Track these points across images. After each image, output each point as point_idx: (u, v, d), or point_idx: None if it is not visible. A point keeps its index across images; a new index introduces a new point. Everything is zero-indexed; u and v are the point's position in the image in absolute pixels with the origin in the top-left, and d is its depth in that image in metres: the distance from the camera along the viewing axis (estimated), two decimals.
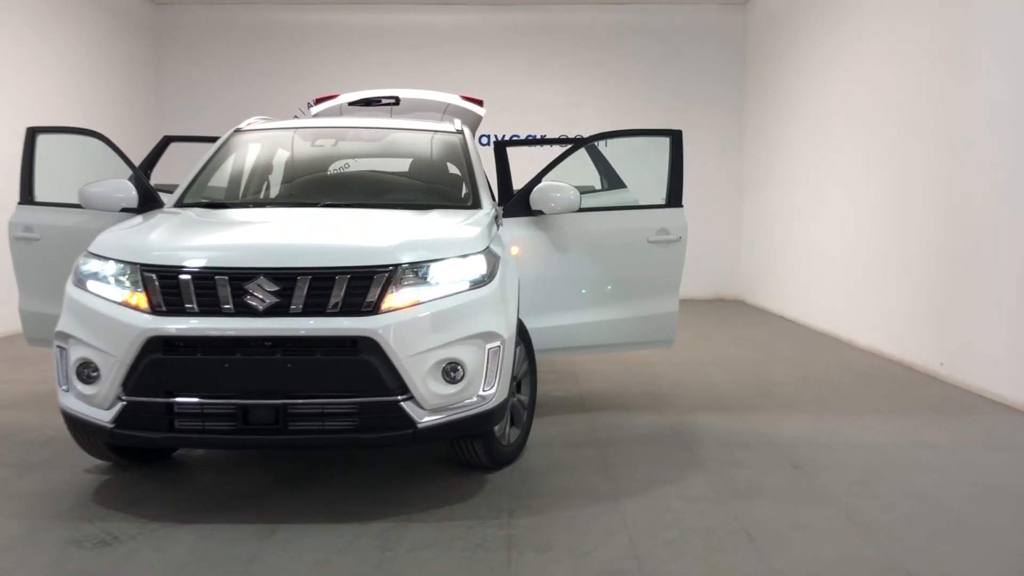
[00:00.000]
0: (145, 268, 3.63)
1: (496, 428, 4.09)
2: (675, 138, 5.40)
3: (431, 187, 5.18)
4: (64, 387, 3.76)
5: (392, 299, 3.61)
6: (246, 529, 3.53)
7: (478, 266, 3.86)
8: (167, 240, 3.82)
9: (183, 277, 3.58)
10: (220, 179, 5.16)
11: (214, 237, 3.95)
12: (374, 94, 7.20)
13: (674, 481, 4.15)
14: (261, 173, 5.38)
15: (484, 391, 3.78)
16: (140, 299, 3.60)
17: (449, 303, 3.70)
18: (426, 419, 3.61)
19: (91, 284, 3.76)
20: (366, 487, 4.05)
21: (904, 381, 6.60)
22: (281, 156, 5.47)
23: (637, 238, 5.23)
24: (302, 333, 3.53)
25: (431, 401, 3.61)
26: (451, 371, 3.67)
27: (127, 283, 3.66)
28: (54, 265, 5.17)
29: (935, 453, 4.66)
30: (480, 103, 7.40)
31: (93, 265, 3.82)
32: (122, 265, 3.70)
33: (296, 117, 6.69)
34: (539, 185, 4.92)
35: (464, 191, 4.99)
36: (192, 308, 3.55)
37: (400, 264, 3.66)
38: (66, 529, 3.54)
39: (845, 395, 6.12)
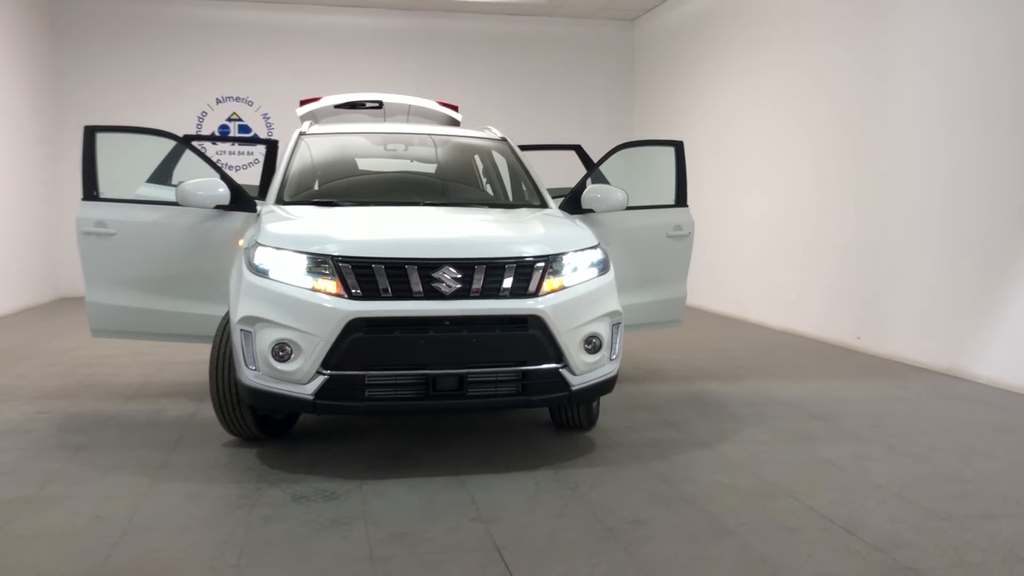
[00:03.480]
0: (341, 259, 4.12)
1: None
2: (678, 147, 6.34)
3: (501, 188, 5.86)
4: (252, 367, 4.17)
5: (547, 284, 4.31)
6: (440, 481, 4.12)
7: (599, 256, 4.62)
8: (350, 234, 4.31)
9: (377, 266, 4.12)
10: (304, 179, 5.56)
11: (388, 232, 4.46)
12: (359, 98, 7.69)
13: (739, 432, 5.09)
14: (343, 174, 5.83)
15: (612, 359, 4.55)
16: (335, 286, 4.09)
17: (587, 287, 4.44)
18: (577, 383, 4.33)
19: (276, 273, 4.19)
20: (511, 445, 4.72)
21: (831, 354, 7.88)
22: (355, 158, 5.95)
23: (659, 233, 6.11)
24: (484, 313, 4.16)
25: (580, 368, 4.34)
26: (592, 343, 4.41)
27: (320, 272, 4.14)
28: (129, 260, 5.45)
29: (908, 403, 5.85)
30: (455, 108, 8.04)
31: (271, 256, 4.25)
32: (312, 256, 4.17)
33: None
34: (591, 186, 5.70)
35: (527, 192, 5.69)
36: (387, 293, 4.10)
37: (552, 255, 4.37)
38: (277, 489, 3.98)
39: (793, 366, 7.30)
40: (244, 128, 12.91)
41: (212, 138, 12.22)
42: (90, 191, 5.53)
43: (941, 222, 7.02)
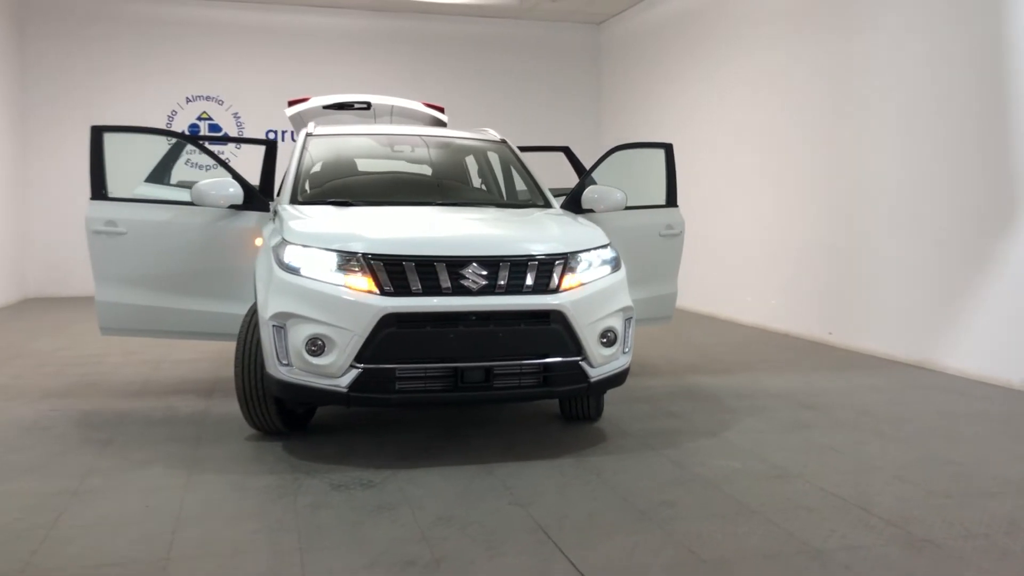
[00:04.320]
0: (372, 257, 4.28)
1: None
2: (668, 149, 6.60)
3: (506, 188, 6.05)
4: (284, 361, 4.30)
5: (566, 281, 4.52)
6: (469, 469, 4.30)
7: (611, 254, 4.85)
8: (379, 233, 4.47)
9: (408, 264, 4.29)
10: (316, 179, 5.69)
11: (415, 231, 4.62)
12: (347, 98, 7.81)
13: (737, 421, 5.35)
14: (354, 174, 5.97)
15: (624, 352, 4.78)
16: (368, 282, 4.25)
17: (602, 284, 4.65)
18: (595, 375, 4.55)
19: (307, 271, 4.33)
20: (532, 438, 4.92)
21: (805, 348, 8.23)
22: (363, 159, 6.09)
23: (652, 232, 6.37)
24: (509, 308, 4.36)
25: (597, 360, 4.55)
26: (608, 337, 4.63)
27: (350, 269, 4.29)
28: (140, 258, 5.53)
29: (888, 393, 6.19)
30: (442, 110, 8.20)
31: (300, 254, 4.39)
32: (342, 254, 4.32)
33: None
34: (591, 187, 5.92)
35: (531, 193, 5.89)
36: (417, 289, 4.27)
37: (570, 252, 4.58)
38: (315, 479, 4.13)
39: (773, 360, 7.62)
40: (215, 127, 12.89)
41: (217, 138, 12.19)
42: (99, 190, 5.58)
43: (908, 222, 7.39)
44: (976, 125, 6.73)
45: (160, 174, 6.49)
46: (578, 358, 4.47)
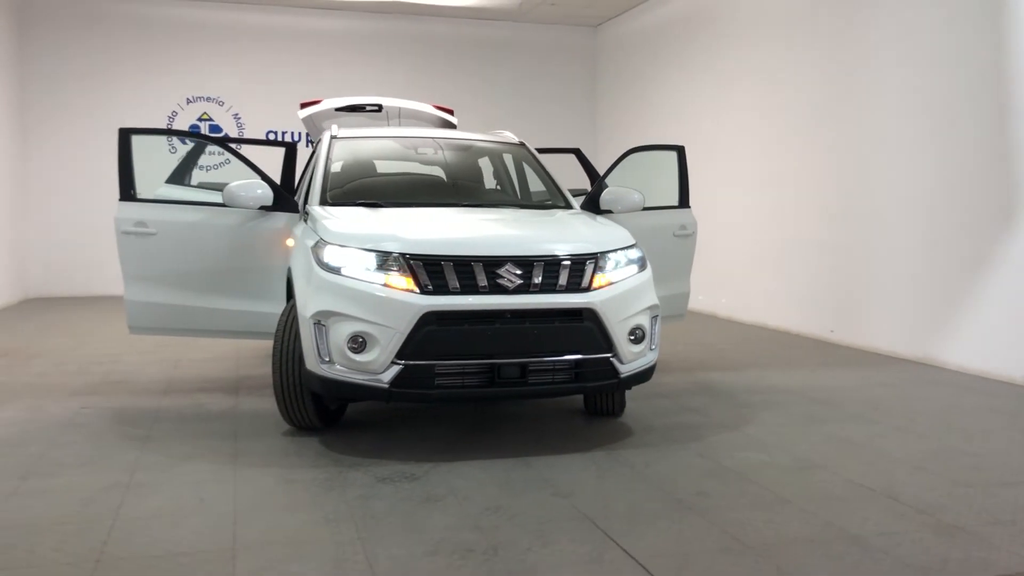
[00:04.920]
0: (411, 257, 4.41)
1: None
2: (680, 152, 6.77)
3: (520, 190, 6.19)
4: (326, 358, 4.42)
5: (597, 280, 4.66)
6: (506, 462, 4.43)
7: (638, 254, 5.00)
8: (417, 234, 4.59)
9: (446, 264, 4.42)
10: (343, 181, 5.79)
11: (452, 231, 4.75)
12: (359, 101, 7.93)
13: (755, 416, 5.51)
14: (380, 176, 6.08)
15: (651, 349, 4.93)
16: (407, 282, 4.38)
17: (631, 283, 4.80)
18: (624, 370, 4.69)
19: (348, 270, 4.45)
20: (552, 434, 5.06)
21: (808, 346, 8.41)
22: (388, 160, 6.21)
23: (667, 232, 6.53)
24: (544, 306, 4.49)
25: (627, 357, 4.70)
26: (636, 334, 4.78)
27: (389, 268, 4.41)
28: (169, 258, 5.63)
29: (895, 389, 6.37)
30: (451, 112, 8.33)
31: (340, 254, 4.51)
32: (382, 254, 4.44)
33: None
34: (609, 188, 6.07)
35: (551, 194, 6.03)
36: (455, 288, 4.40)
37: (600, 252, 4.72)
38: (359, 472, 4.24)
39: (778, 357, 7.80)
40: (215, 128, 12.94)
41: (237, 140, 12.24)
42: (127, 191, 5.68)
43: (909, 220, 7.59)
44: (976, 124, 6.92)
45: (180, 175, 6.60)
46: (609, 355, 4.61)
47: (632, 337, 4.73)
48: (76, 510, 3.70)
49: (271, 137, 13.03)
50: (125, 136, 5.76)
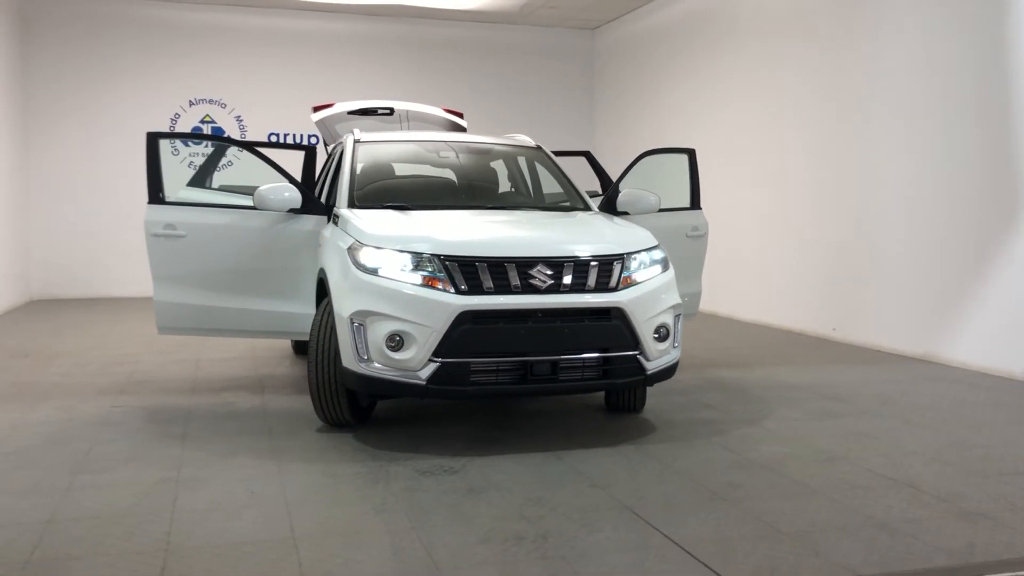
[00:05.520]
0: (447, 259, 4.56)
1: None
2: (691, 155, 6.96)
3: (541, 192, 6.35)
4: (365, 356, 4.57)
5: (624, 280, 4.84)
6: (538, 456, 4.59)
7: (661, 255, 5.17)
8: (451, 236, 4.75)
9: (480, 265, 4.57)
10: (369, 184, 5.93)
11: (484, 233, 4.92)
12: (371, 104, 8.08)
13: (772, 411, 5.69)
14: (404, 179, 6.23)
15: (675, 346, 5.10)
16: (444, 282, 4.54)
17: (655, 283, 4.98)
18: (651, 367, 4.86)
19: (384, 271, 4.60)
20: (576, 430, 5.23)
21: (811, 344, 8.62)
22: (411, 164, 6.36)
23: (680, 233, 6.70)
24: (574, 305, 4.66)
25: (653, 354, 4.87)
26: (661, 332, 4.95)
27: (425, 269, 4.57)
28: (199, 260, 5.76)
29: (902, 385, 6.57)
30: (460, 115, 8.48)
31: (376, 255, 4.66)
32: (417, 256, 4.59)
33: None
34: (626, 191, 6.23)
35: (570, 196, 6.19)
36: (489, 288, 4.56)
37: (626, 253, 4.90)
38: (399, 466, 4.39)
39: (785, 355, 7.99)
40: (217, 130, 13.02)
41: (261, 144, 12.30)
42: (156, 195, 5.79)
43: (909, 219, 7.80)
44: (976, 124, 7.14)
45: (202, 178, 6.72)
46: (636, 352, 4.79)
47: (657, 335, 4.90)
48: (134, 503, 3.83)
49: (272, 139, 13.13)
50: (153, 140, 5.88)
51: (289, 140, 13.25)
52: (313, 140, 13.45)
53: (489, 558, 3.27)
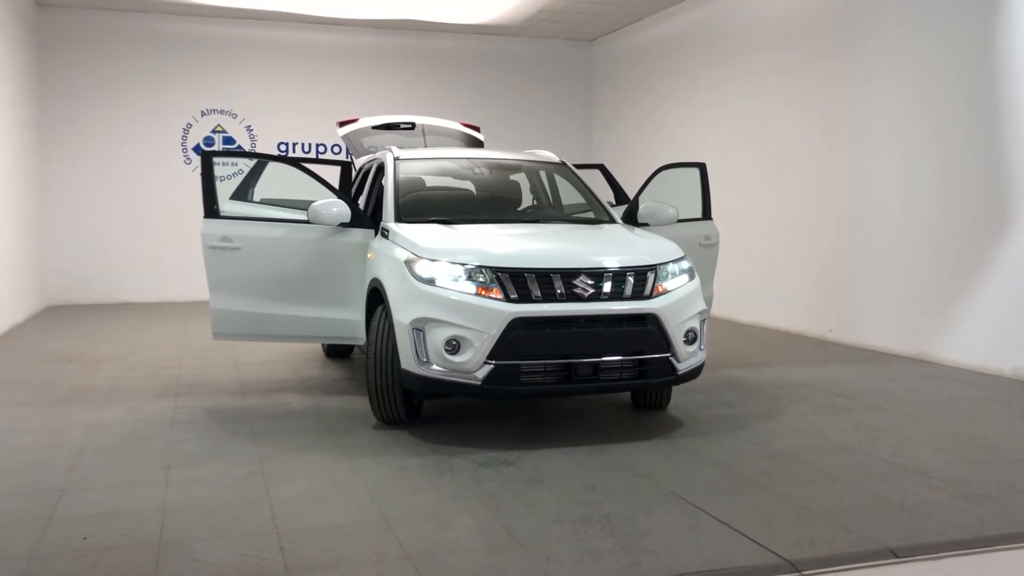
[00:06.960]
0: (499, 270, 5.02)
1: None
2: (702, 169, 7.46)
3: (578, 206, 6.82)
4: (424, 359, 5.02)
5: (656, 288, 5.31)
6: (583, 450, 5.06)
7: (687, 264, 5.65)
8: (501, 248, 5.21)
9: (529, 275, 5.04)
10: (413, 199, 6.36)
11: (531, 245, 5.39)
12: (394, 119, 8.52)
13: (785, 407, 6.19)
14: (444, 195, 6.68)
15: (701, 349, 5.58)
16: (496, 291, 4.99)
17: (684, 291, 5.45)
18: (681, 368, 5.34)
19: (441, 281, 5.06)
20: (608, 426, 5.69)
21: (810, 344, 9.13)
22: (449, 179, 6.82)
23: (693, 243, 7.18)
24: (614, 312, 5.14)
25: (683, 356, 5.35)
26: (689, 336, 5.43)
27: (477, 279, 5.02)
28: (253, 270, 6.18)
29: (901, 382, 7.09)
30: (478, 129, 8.93)
31: (432, 267, 5.12)
32: (470, 267, 5.05)
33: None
34: (646, 203, 6.71)
35: (595, 209, 6.66)
36: (537, 296, 5.03)
37: (658, 264, 5.37)
38: (460, 459, 4.84)
39: (787, 355, 8.51)
40: (228, 140, 13.41)
41: (302, 159, 12.66)
42: (211, 209, 6.20)
43: (904, 223, 8.34)
44: (970, 129, 7.65)
45: (243, 192, 7.12)
46: (668, 354, 5.26)
47: (686, 339, 5.38)
48: (232, 493, 4.26)
49: (282, 149, 13.55)
50: (207, 159, 6.30)
51: (298, 149, 13.69)
52: (320, 150, 13.90)
53: (564, 536, 3.72)
